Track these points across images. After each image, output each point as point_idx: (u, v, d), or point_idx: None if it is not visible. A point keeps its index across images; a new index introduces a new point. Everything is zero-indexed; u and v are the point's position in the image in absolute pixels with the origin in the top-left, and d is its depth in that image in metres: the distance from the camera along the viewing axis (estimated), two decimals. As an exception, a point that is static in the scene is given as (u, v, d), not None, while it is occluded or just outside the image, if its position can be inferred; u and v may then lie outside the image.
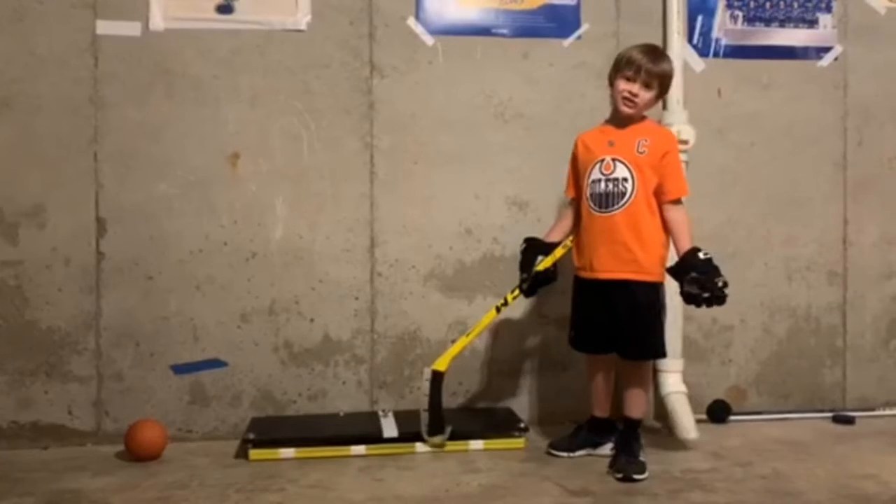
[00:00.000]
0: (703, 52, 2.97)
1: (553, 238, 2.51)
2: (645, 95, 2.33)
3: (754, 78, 3.00)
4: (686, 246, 2.29)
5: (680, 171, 2.38)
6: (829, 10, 3.04)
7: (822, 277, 3.05)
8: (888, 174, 3.08)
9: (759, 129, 3.00)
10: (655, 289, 2.35)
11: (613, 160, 2.34)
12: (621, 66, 2.35)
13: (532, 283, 2.47)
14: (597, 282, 2.36)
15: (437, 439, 2.50)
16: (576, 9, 2.89)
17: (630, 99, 2.32)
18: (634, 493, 2.15)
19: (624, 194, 2.31)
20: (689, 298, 2.26)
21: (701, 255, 2.25)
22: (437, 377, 2.50)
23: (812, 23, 3.03)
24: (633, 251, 2.30)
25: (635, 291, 2.31)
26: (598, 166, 2.36)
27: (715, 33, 2.98)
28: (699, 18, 2.97)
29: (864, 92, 3.05)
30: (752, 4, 3.00)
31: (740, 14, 2.99)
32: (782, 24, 3.02)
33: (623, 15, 2.91)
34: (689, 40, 2.95)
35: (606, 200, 2.34)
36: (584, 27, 2.89)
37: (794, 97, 3.02)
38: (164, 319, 2.71)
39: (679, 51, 2.89)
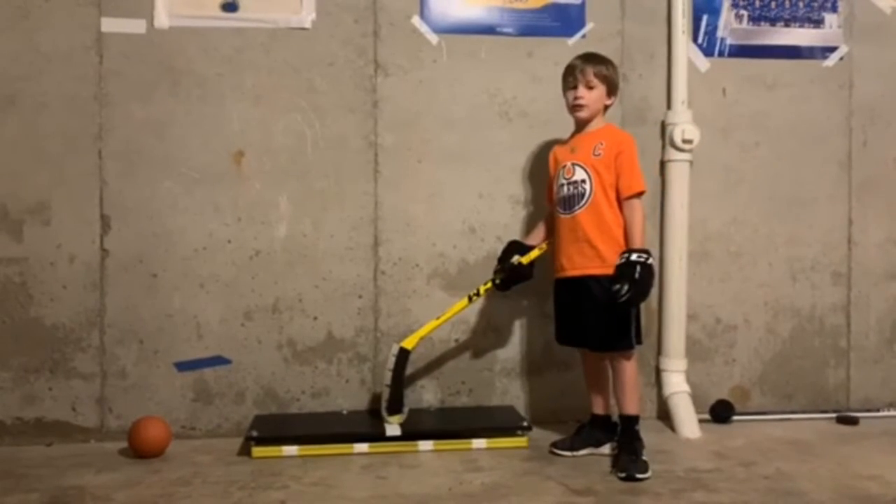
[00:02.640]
0: (707, 51, 2.97)
1: (531, 242, 2.63)
2: (590, 95, 2.45)
3: (759, 77, 2.99)
4: (631, 245, 2.36)
5: (634, 168, 2.42)
6: (834, 9, 3.03)
7: (827, 278, 3.04)
8: (893, 174, 3.07)
9: (764, 129, 3.00)
10: None
11: (573, 165, 2.46)
12: (563, 79, 2.52)
13: (505, 278, 2.57)
14: (568, 279, 2.47)
15: (396, 418, 2.56)
16: (581, 8, 2.88)
17: (578, 104, 2.46)
18: (637, 492, 2.15)
19: (583, 195, 2.42)
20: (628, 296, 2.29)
21: (619, 260, 2.32)
22: (403, 354, 2.55)
23: (818, 22, 3.02)
24: (596, 247, 2.39)
25: (600, 285, 2.37)
26: (561, 172, 2.49)
27: (720, 32, 2.97)
28: (704, 17, 2.96)
29: (869, 92, 3.04)
30: (757, 4, 2.99)
31: (745, 13, 2.99)
32: (787, 23, 3.01)
33: (628, 14, 2.91)
34: (694, 39, 2.95)
35: (569, 202, 2.45)
36: (589, 26, 2.89)
37: (799, 97, 3.01)
38: (167, 317, 2.72)
39: (684, 50, 2.88)
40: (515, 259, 2.55)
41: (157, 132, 2.71)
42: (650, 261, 2.30)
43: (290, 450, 2.46)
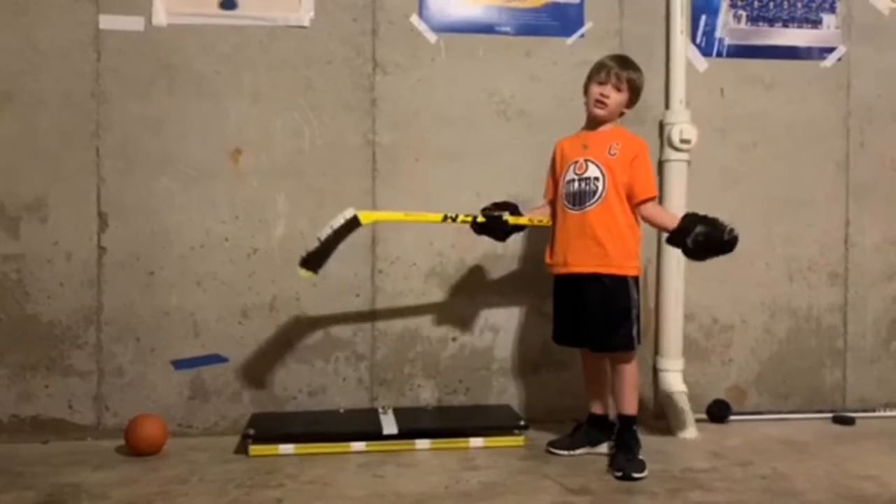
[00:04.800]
0: (706, 51, 2.97)
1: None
2: (616, 98, 2.43)
3: (757, 78, 2.99)
4: (678, 219, 2.38)
5: (649, 174, 2.43)
6: (832, 10, 3.03)
7: (824, 278, 3.05)
8: (890, 175, 3.08)
9: (762, 129, 3.00)
10: (624, 282, 2.39)
11: (586, 161, 2.43)
12: (593, 73, 2.47)
13: (486, 221, 2.49)
14: (570, 276, 2.44)
15: (307, 273, 2.40)
16: (579, 7, 2.89)
17: (601, 101, 2.43)
18: (634, 491, 2.15)
19: (595, 192, 2.40)
20: (699, 246, 2.33)
21: (697, 216, 2.35)
22: (353, 222, 2.43)
23: (816, 23, 3.03)
24: (603, 245, 2.38)
25: (603, 284, 2.38)
26: (572, 167, 2.46)
27: (718, 32, 2.98)
28: (703, 17, 2.96)
29: (867, 93, 3.05)
30: (755, 4, 2.99)
31: (744, 14, 2.99)
32: (786, 24, 3.01)
33: (626, 14, 2.91)
34: (693, 39, 2.95)
35: (579, 198, 2.43)
36: (588, 26, 2.89)
37: (796, 97, 3.02)
38: (164, 314, 2.71)
39: (682, 50, 2.88)
40: (505, 215, 2.49)
41: (154, 129, 2.71)
42: None
43: (287, 448, 2.46)
